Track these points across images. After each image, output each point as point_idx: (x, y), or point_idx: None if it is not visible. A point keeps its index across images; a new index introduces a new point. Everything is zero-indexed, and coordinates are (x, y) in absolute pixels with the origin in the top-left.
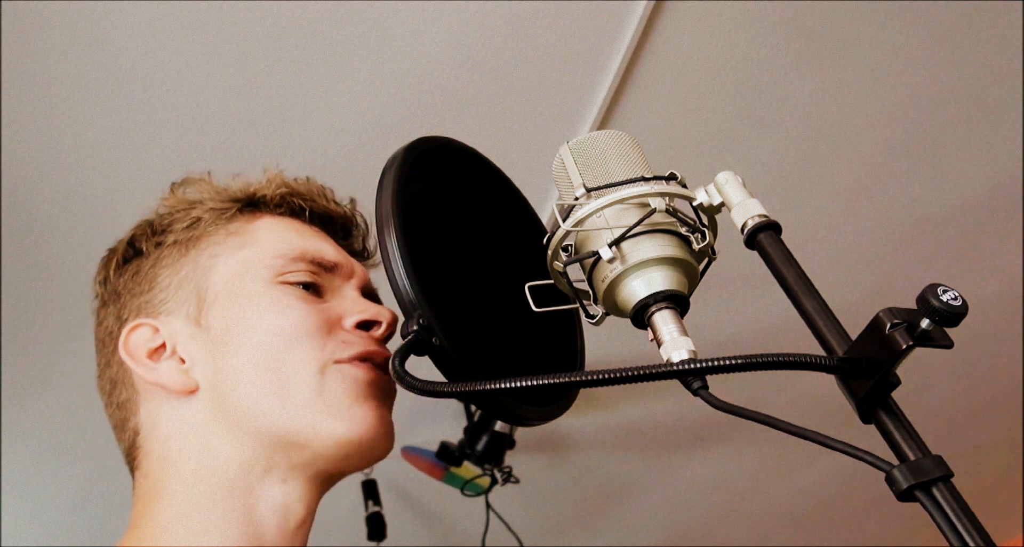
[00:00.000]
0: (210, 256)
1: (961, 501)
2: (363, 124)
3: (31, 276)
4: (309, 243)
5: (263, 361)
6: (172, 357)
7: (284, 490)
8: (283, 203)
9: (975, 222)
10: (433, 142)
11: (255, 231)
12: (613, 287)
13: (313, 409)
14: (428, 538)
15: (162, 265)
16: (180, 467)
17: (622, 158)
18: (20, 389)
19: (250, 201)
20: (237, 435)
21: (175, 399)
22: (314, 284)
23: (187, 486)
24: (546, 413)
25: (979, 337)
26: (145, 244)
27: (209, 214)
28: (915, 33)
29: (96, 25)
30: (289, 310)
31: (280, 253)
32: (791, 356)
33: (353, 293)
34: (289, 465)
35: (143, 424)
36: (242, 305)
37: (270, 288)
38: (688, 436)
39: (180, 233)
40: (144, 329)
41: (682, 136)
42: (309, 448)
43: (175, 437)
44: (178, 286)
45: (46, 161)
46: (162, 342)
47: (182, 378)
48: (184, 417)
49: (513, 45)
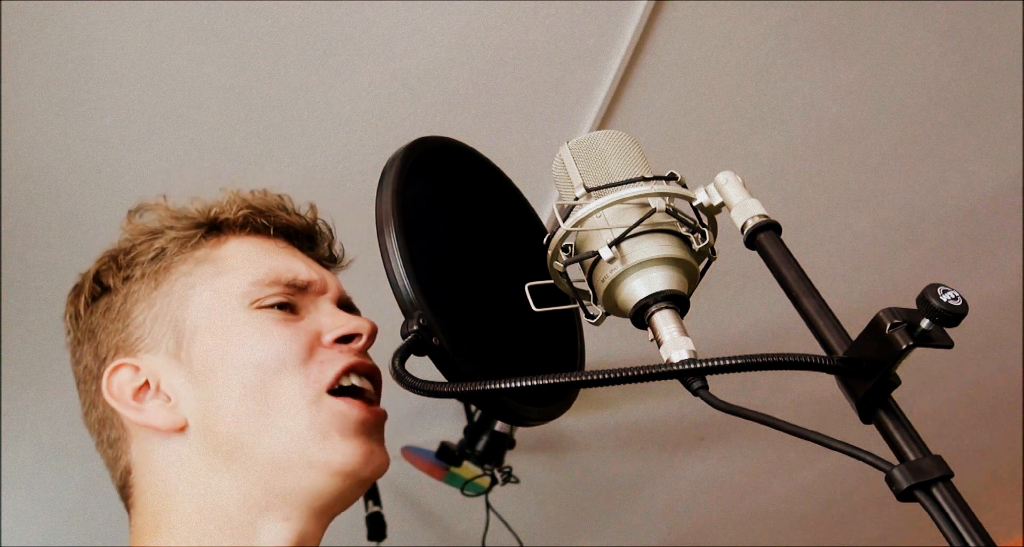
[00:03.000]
0: (183, 287)
1: (961, 501)
2: (363, 124)
3: (31, 276)
4: (280, 264)
5: (250, 392)
6: (157, 396)
7: (288, 527)
8: (247, 223)
9: (975, 222)
10: (433, 142)
11: (224, 258)
12: (613, 287)
13: (304, 441)
14: (428, 538)
15: (133, 300)
16: (179, 505)
17: (622, 158)
18: (20, 389)
19: (213, 225)
20: (232, 469)
21: (167, 438)
22: (289, 304)
23: (188, 524)
24: (546, 413)
25: (979, 337)
26: (112, 279)
27: (173, 244)
28: (915, 33)
29: (96, 25)
30: (270, 337)
31: (254, 279)
32: (791, 356)
33: (328, 307)
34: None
35: (135, 462)
36: (222, 336)
37: (248, 316)
38: (688, 436)
39: (147, 266)
40: (125, 369)
41: (682, 136)
42: (305, 479)
43: (171, 475)
44: (153, 321)
45: (46, 161)
46: (144, 380)
47: (170, 416)
48: (177, 454)
49: (513, 45)
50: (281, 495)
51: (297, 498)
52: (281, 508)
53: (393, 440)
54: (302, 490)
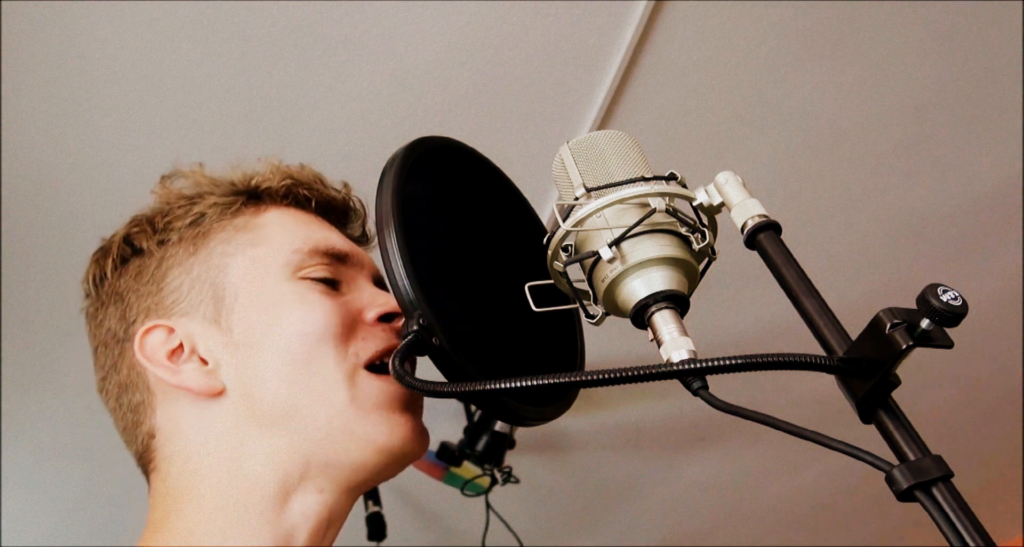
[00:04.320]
0: (222, 254)
1: (961, 501)
2: (363, 124)
3: (31, 276)
4: (320, 235)
5: (293, 361)
6: (191, 359)
7: (320, 499)
8: (288, 194)
9: (975, 222)
10: (433, 142)
11: (265, 226)
12: (613, 287)
13: (347, 415)
14: (428, 538)
15: (169, 265)
16: (209, 472)
17: (622, 158)
18: (20, 389)
19: (254, 193)
20: (271, 439)
21: (199, 402)
22: (332, 279)
23: (218, 491)
24: (546, 413)
25: (979, 337)
26: (146, 242)
27: (213, 209)
28: (915, 33)
29: (96, 25)
30: (314, 307)
31: (295, 248)
32: (791, 356)
33: (368, 285)
34: (326, 475)
35: (160, 427)
36: (265, 304)
37: (292, 285)
38: (688, 436)
39: (184, 230)
40: (159, 331)
41: (682, 136)
42: (348, 453)
43: (202, 440)
44: (191, 287)
45: (46, 161)
46: (179, 343)
47: (207, 380)
48: (211, 421)
49: (513, 45)
50: (321, 467)
51: (337, 471)
52: (317, 480)
53: None
54: (344, 463)
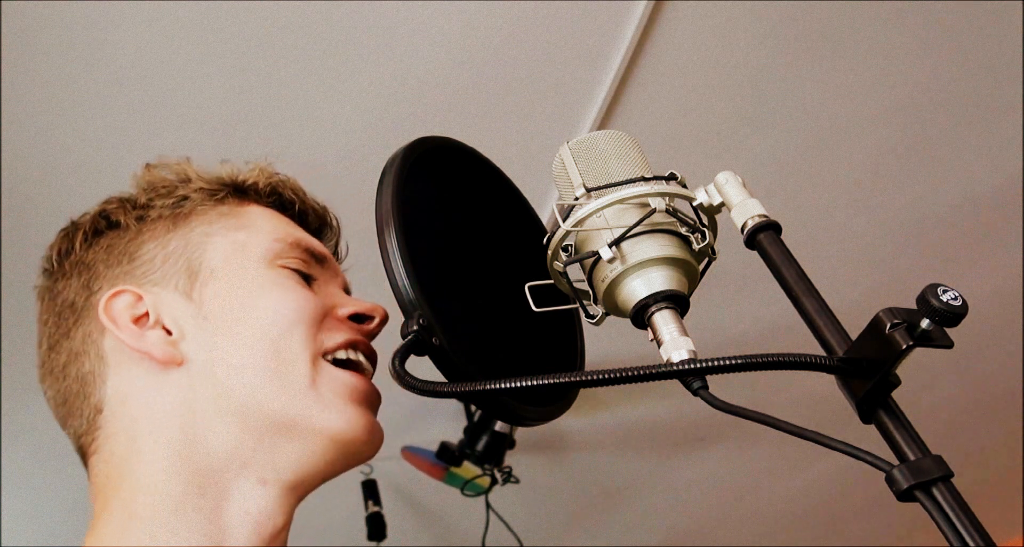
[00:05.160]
0: (202, 234)
1: (961, 501)
2: (363, 124)
3: (31, 276)
4: (300, 233)
5: (264, 342)
6: (156, 327)
7: (260, 493)
8: (273, 193)
9: (975, 222)
10: (433, 142)
11: (248, 215)
12: (613, 287)
13: (307, 399)
14: (428, 538)
15: (145, 238)
16: (150, 451)
17: (622, 158)
18: (20, 389)
19: (239, 188)
20: (224, 417)
21: (156, 372)
22: (308, 274)
23: (156, 475)
24: (546, 413)
25: (979, 337)
26: (123, 217)
27: (198, 194)
28: (915, 33)
29: (96, 25)
30: (291, 293)
31: (277, 237)
32: (791, 356)
33: (338, 290)
34: (273, 462)
35: (108, 399)
36: (242, 285)
37: (271, 270)
38: (688, 436)
39: (165, 209)
40: (126, 295)
41: (682, 136)
42: (296, 441)
43: (149, 416)
44: (164, 259)
45: (46, 161)
46: (145, 311)
47: (170, 349)
48: (165, 393)
49: (513, 45)
50: (269, 453)
51: (286, 460)
52: (262, 469)
53: (393, 440)
54: (293, 452)
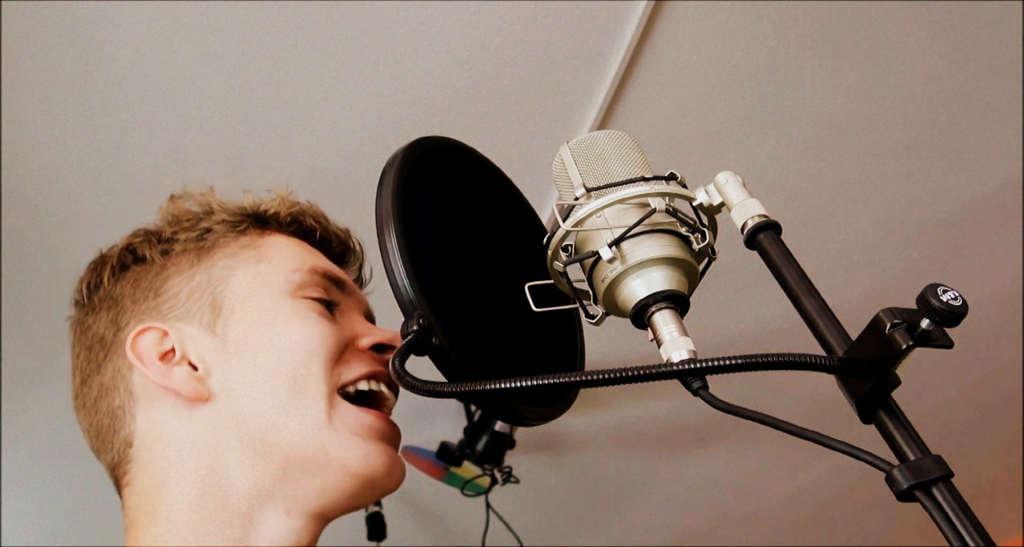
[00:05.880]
0: (225, 267)
1: (961, 501)
2: (363, 124)
3: (31, 276)
4: (320, 260)
5: (282, 372)
6: (182, 363)
7: (287, 523)
8: (294, 222)
9: (975, 222)
10: (433, 142)
11: (268, 246)
12: (613, 287)
13: (324, 436)
14: (428, 538)
15: (169, 273)
16: (179, 485)
17: (622, 158)
18: (20, 389)
19: (261, 217)
20: (247, 451)
21: (183, 408)
22: (329, 302)
23: (185, 507)
24: (546, 413)
25: (979, 337)
26: (149, 251)
27: (221, 226)
28: (915, 33)
29: (96, 25)
30: (311, 325)
31: (296, 267)
32: (791, 356)
33: (361, 318)
34: (295, 496)
35: (138, 434)
36: (262, 316)
37: (291, 302)
38: (688, 436)
39: (189, 243)
40: (153, 332)
41: (682, 136)
42: (317, 476)
43: (178, 450)
44: (189, 294)
45: (46, 161)
46: (171, 347)
47: (196, 385)
48: (193, 428)
49: (513, 45)
50: (291, 486)
51: (307, 494)
52: (285, 501)
53: None
54: (315, 485)
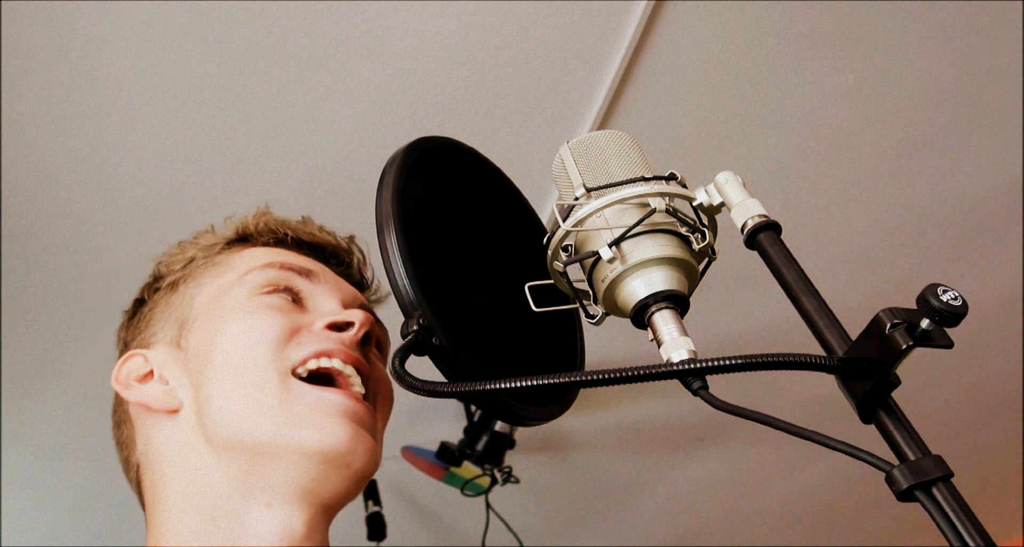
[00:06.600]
0: (194, 286)
1: (961, 501)
2: (363, 124)
3: (31, 276)
4: (283, 257)
5: (230, 366)
6: (157, 380)
7: (272, 517)
8: (266, 232)
9: (975, 222)
10: (433, 142)
11: (239, 259)
12: (613, 287)
13: (279, 418)
14: (428, 538)
15: (157, 305)
16: (168, 492)
17: (622, 158)
18: (20, 389)
19: (240, 236)
20: (217, 450)
21: (165, 421)
22: (290, 288)
23: (175, 513)
24: (546, 413)
25: (979, 337)
26: (146, 293)
27: (201, 252)
28: (915, 33)
29: (96, 25)
30: (255, 315)
31: (251, 267)
32: (791, 356)
33: (333, 304)
34: (270, 487)
35: (141, 455)
36: (216, 320)
37: (247, 300)
38: (688, 436)
39: (174, 274)
40: (136, 359)
41: (682, 136)
42: (281, 461)
43: (163, 460)
44: (166, 319)
45: (46, 161)
46: (150, 369)
47: (166, 398)
48: (170, 438)
49: (513, 45)
50: (262, 476)
51: (278, 480)
52: (263, 493)
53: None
54: (281, 472)
